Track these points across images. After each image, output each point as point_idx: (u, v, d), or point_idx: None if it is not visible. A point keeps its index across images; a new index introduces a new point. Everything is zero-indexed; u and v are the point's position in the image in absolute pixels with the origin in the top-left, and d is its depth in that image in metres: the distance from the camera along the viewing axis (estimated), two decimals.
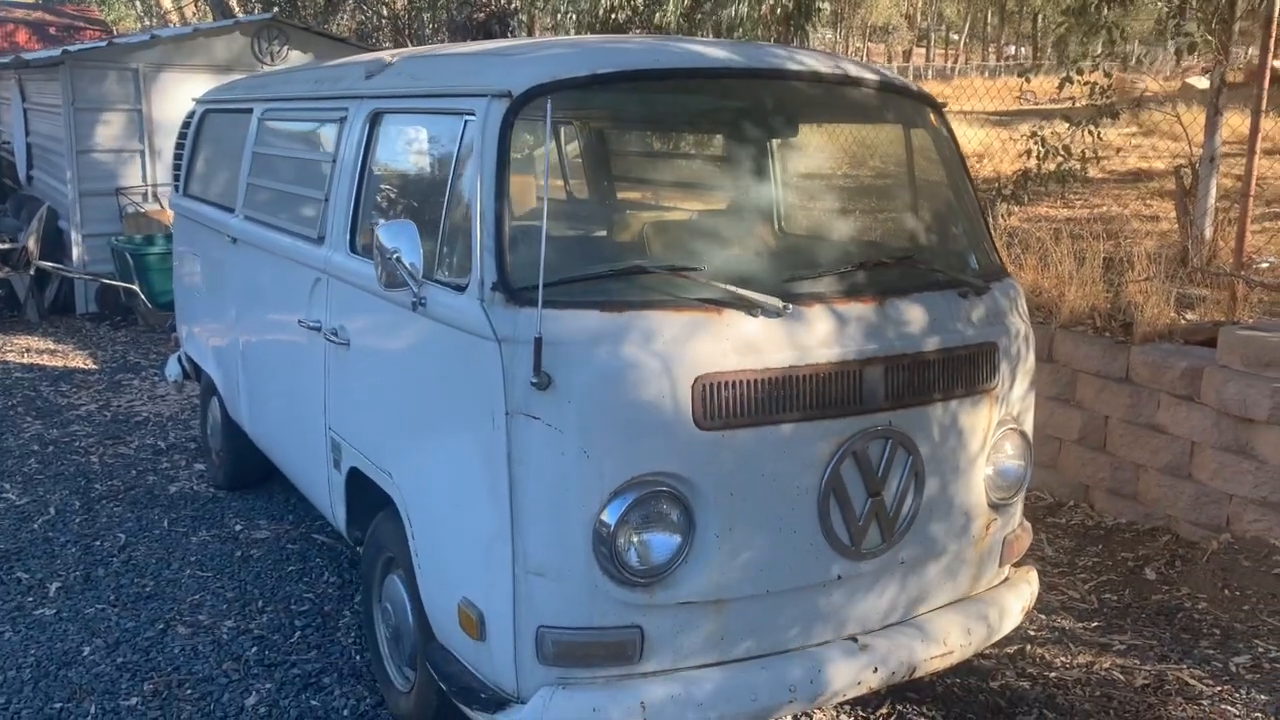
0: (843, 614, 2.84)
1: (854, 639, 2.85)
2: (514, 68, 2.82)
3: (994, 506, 3.10)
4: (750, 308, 2.65)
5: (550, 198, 2.69)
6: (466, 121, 2.85)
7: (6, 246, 8.99)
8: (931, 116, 3.33)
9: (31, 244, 8.99)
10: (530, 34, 13.20)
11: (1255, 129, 5.11)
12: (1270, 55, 5.07)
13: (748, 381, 2.61)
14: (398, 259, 2.77)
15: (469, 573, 2.76)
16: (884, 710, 3.42)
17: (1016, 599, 3.21)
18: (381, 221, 2.90)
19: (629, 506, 2.55)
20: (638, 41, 2.97)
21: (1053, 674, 3.64)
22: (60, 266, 9.17)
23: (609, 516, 2.54)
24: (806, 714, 3.37)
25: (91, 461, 5.76)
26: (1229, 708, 3.44)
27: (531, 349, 2.51)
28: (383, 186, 3.44)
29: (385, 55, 3.67)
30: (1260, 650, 3.77)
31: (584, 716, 2.56)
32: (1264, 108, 5.09)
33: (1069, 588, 4.30)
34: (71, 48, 9.37)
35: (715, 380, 2.58)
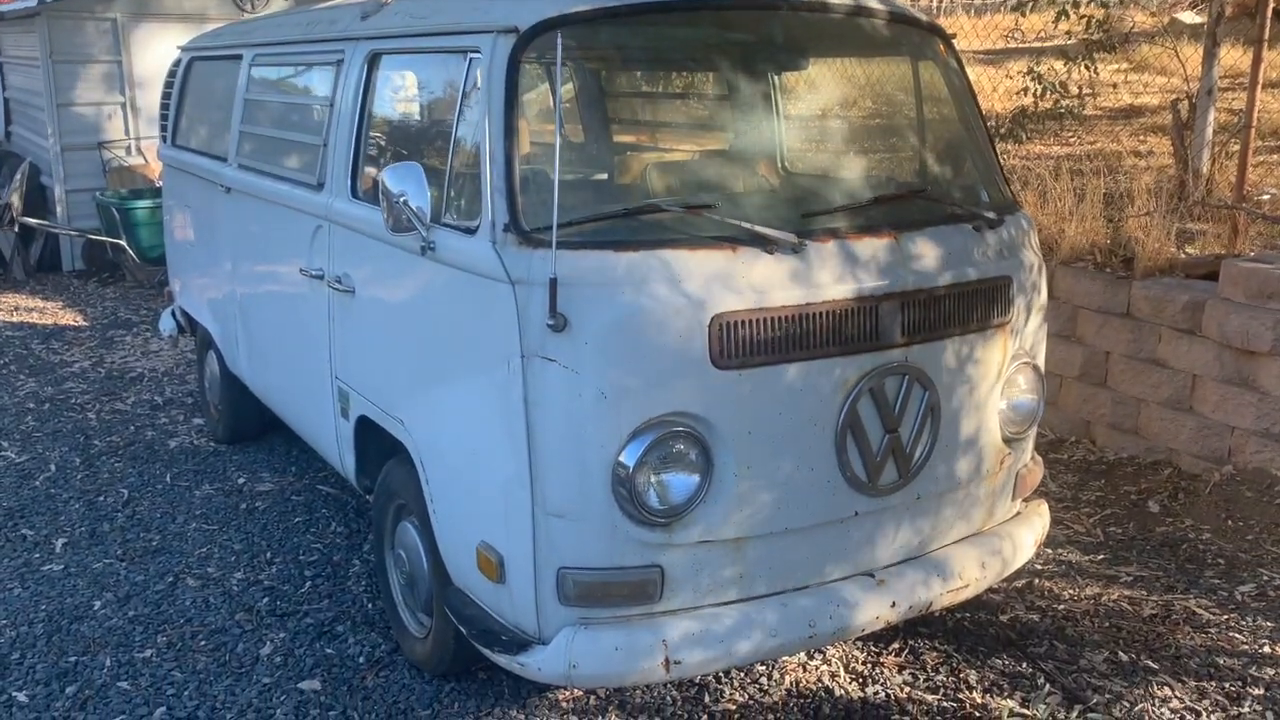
0: (860, 550, 2.85)
1: (871, 574, 2.87)
2: (521, 2, 2.75)
3: (1007, 441, 3.11)
4: (765, 244, 2.62)
5: (561, 139, 2.65)
6: (471, 59, 2.79)
7: None
8: (941, 48, 3.28)
9: (15, 200, 8.86)
10: None
11: (1258, 59, 5.06)
12: None
13: (764, 319, 2.59)
14: (404, 202, 2.73)
15: (487, 516, 2.75)
16: (896, 645, 3.45)
17: (1029, 532, 3.23)
18: (386, 165, 2.85)
19: (647, 447, 2.54)
20: None
21: (1061, 606, 3.68)
22: (45, 223, 9.04)
23: (627, 458, 2.53)
24: (820, 650, 3.39)
25: (89, 418, 5.72)
26: (1236, 635, 3.48)
27: (545, 291, 2.48)
28: (384, 129, 3.38)
29: None
30: (1265, 579, 3.81)
31: (606, 655, 2.57)
32: (1265, 36, 5.04)
33: (1074, 522, 4.33)
34: None
35: (731, 319, 2.56)
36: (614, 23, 2.80)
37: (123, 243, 8.53)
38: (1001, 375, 3.03)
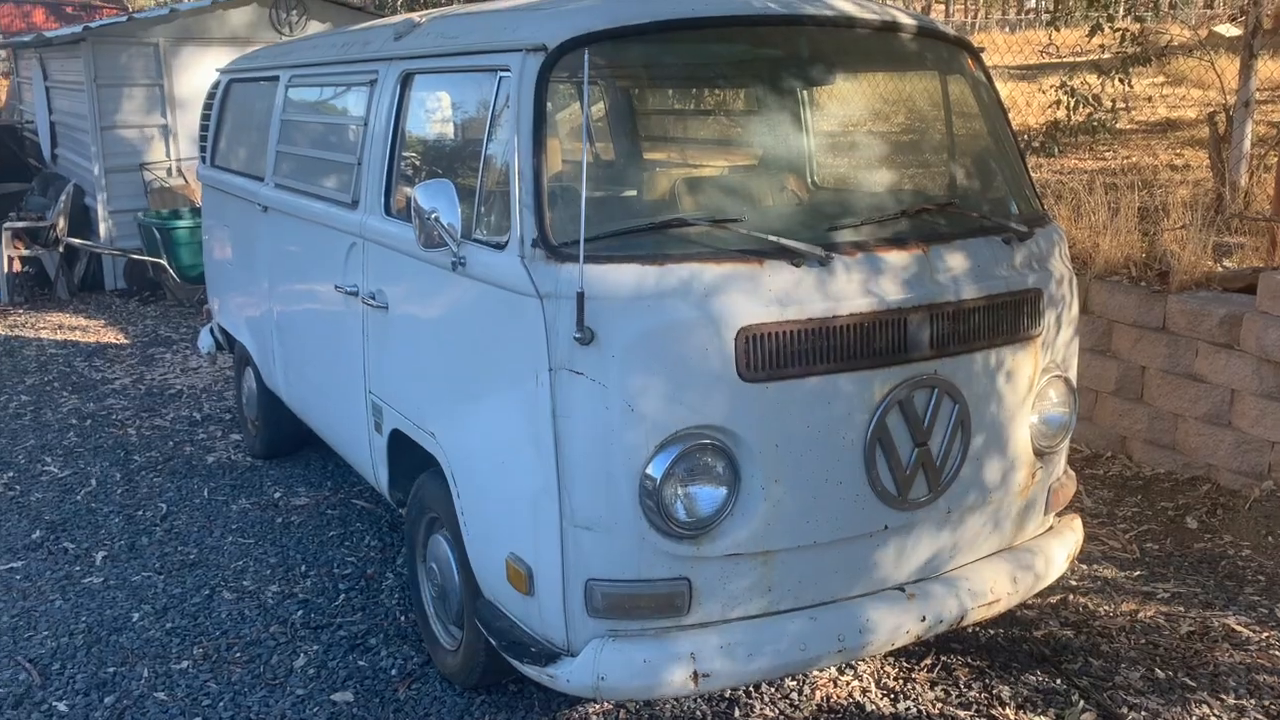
0: (890, 564, 2.84)
1: (901, 589, 2.85)
2: (548, 21, 2.79)
3: (1039, 454, 3.09)
4: (792, 257, 2.63)
5: (587, 157, 2.67)
6: (501, 77, 2.83)
7: (35, 225, 9.04)
8: (969, 61, 3.28)
9: (59, 222, 9.05)
10: None
11: None
12: None
13: (791, 332, 2.59)
14: (436, 219, 2.77)
15: (516, 529, 2.77)
16: (928, 661, 3.42)
17: (1062, 547, 3.20)
18: (418, 182, 2.89)
19: (674, 460, 2.55)
20: None
21: (1097, 623, 3.64)
22: (88, 243, 9.23)
23: (655, 470, 2.54)
24: (851, 665, 3.38)
25: (129, 434, 5.82)
26: (1276, 653, 3.42)
27: (573, 304, 2.51)
28: (417, 148, 3.43)
29: (414, 16, 3.65)
30: None
31: (634, 667, 2.57)
32: None
33: (1109, 538, 4.28)
34: (92, 24, 9.37)
35: (758, 332, 2.56)
36: (642, 40, 2.83)
37: (163, 262, 8.69)
38: (1033, 388, 3.01)
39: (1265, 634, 3.53)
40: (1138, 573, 4.00)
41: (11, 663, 3.58)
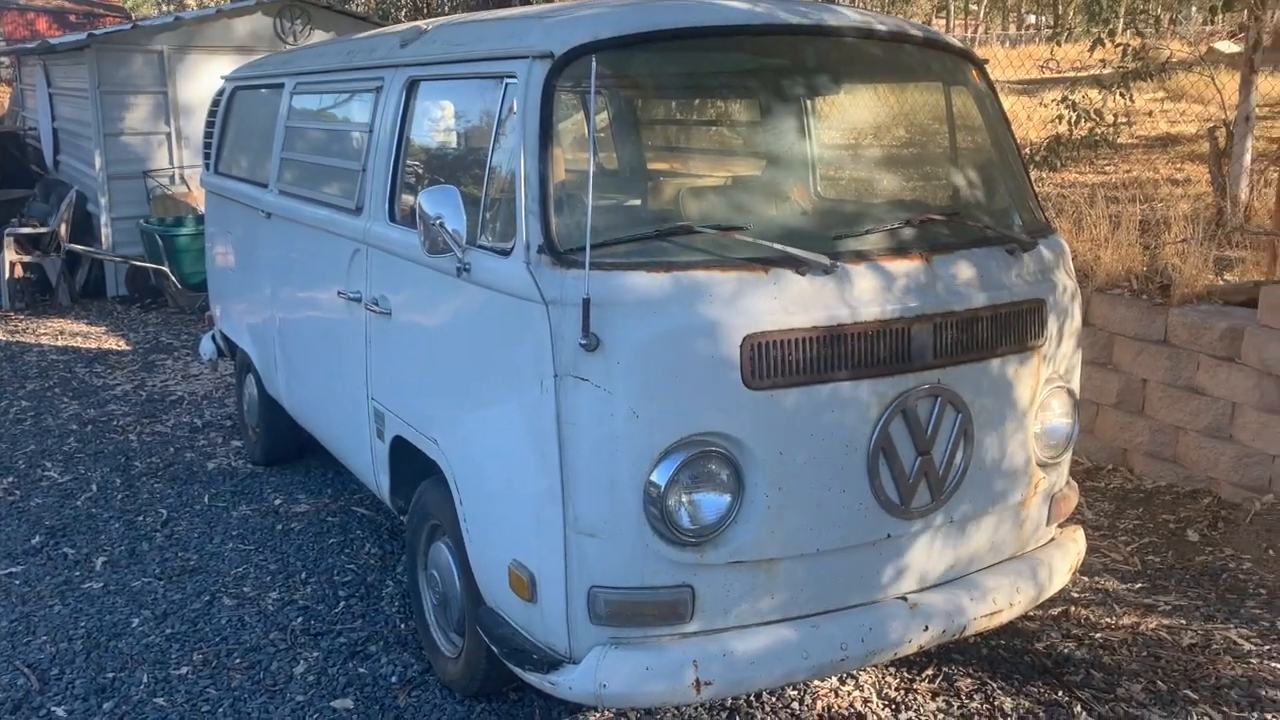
0: (893, 573, 2.84)
1: (904, 598, 2.85)
2: (555, 28, 2.80)
3: (1042, 465, 3.09)
4: (797, 266, 2.64)
5: (593, 164, 2.68)
6: (508, 85, 2.84)
7: (37, 231, 9.05)
8: (974, 73, 3.29)
9: (61, 228, 9.06)
10: None
11: None
12: None
13: (796, 340, 2.60)
14: (441, 225, 2.77)
15: (519, 535, 2.77)
16: (930, 671, 3.41)
17: (1064, 558, 3.20)
18: (423, 188, 2.89)
19: (679, 467, 2.55)
20: (679, 1, 2.95)
21: (1098, 635, 3.63)
22: (90, 249, 9.24)
23: (659, 477, 2.54)
24: (852, 675, 3.37)
25: (130, 440, 5.82)
26: (1278, 665, 3.42)
27: (579, 311, 2.51)
28: (421, 154, 3.44)
29: (420, 24, 3.66)
30: None
31: (637, 675, 2.57)
32: None
33: (1111, 550, 4.28)
34: (97, 31, 9.40)
35: (764, 339, 2.57)
36: (649, 48, 2.84)
37: (165, 269, 8.70)
38: (1035, 399, 3.01)
39: (1267, 646, 3.53)
40: (1139, 585, 3.99)
41: (10, 668, 3.57)
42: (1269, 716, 3.15)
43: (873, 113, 3.37)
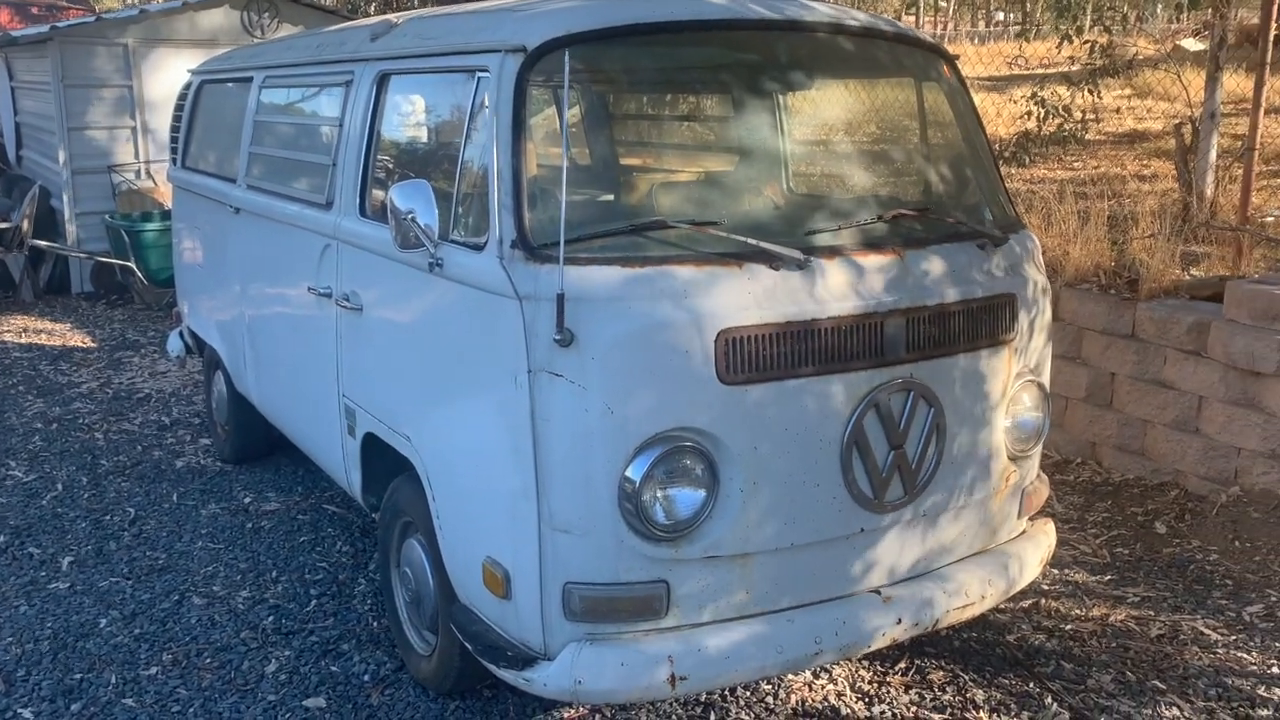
0: (866, 567, 2.85)
1: (878, 591, 2.86)
2: (528, 22, 2.79)
3: (1013, 458, 3.11)
4: (771, 260, 2.64)
5: (566, 158, 2.67)
6: (480, 78, 2.82)
7: (0, 226, 8.91)
8: (944, 68, 3.30)
9: (25, 224, 8.92)
10: None
11: (1261, 83, 5.10)
12: (1276, 5, 5.05)
13: (770, 335, 2.60)
14: (413, 220, 2.75)
15: (493, 532, 2.75)
16: (903, 664, 3.43)
17: (1035, 551, 3.23)
18: (394, 183, 2.87)
19: (653, 462, 2.54)
20: None
21: (1068, 626, 3.67)
22: (55, 245, 9.10)
23: (633, 472, 2.54)
24: (826, 669, 3.38)
25: (96, 438, 5.74)
26: (1244, 655, 3.47)
27: (553, 306, 2.50)
28: (392, 148, 3.41)
29: (390, 17, 3.63)
30: (1273, 599, 3.79)
31: (612, 671, 2.56)
32: (1269, 60, 5.07)
33: (1080, 543, 4.32)
34: (60, 24, 9.25)
35: (738, 334, 2.57)
36: (622, 42, 2.83)
37: (131, 265, 8.58)
38: (1006, 392, 3.03)
39: (1233, 636, 3.58)
40: (1108, 577, 4.04)
41: None
42: (1235, 705, 3.19)
43: (845, 108, 3.38)
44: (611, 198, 3.51)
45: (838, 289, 2.69)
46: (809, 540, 2.74)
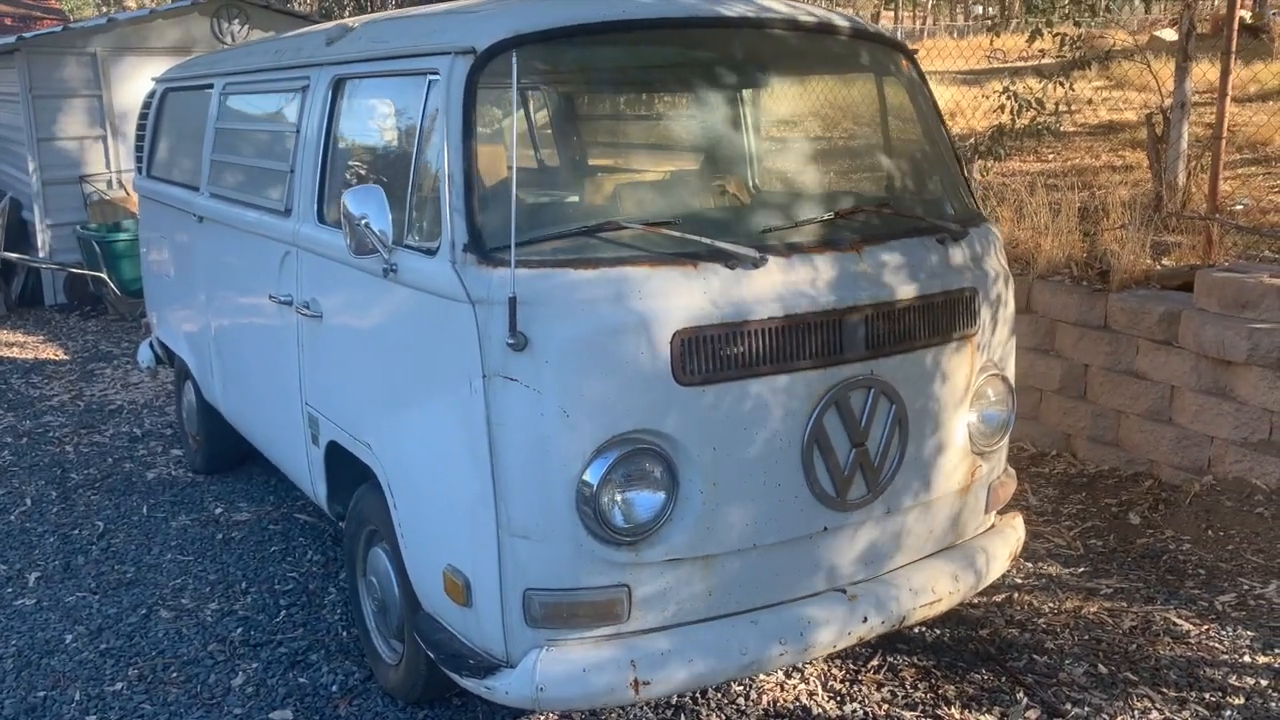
0: (830, 566, 2.83)
1: (843, 590, 2.84)
2: (477, 24, 2.76)
3: (978, 453, 3.09)
4: (727, 259, 2.62)
5: (518, 164, 2.64)
6: (431, 81, 2.79)
7: None
8: (904, 63, 3.29)
9: None
10: None
11: (1226, 71, 5.10)
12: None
13: (726, 334, 2.57)
14: (366, 225, 2.72)
15: (453, 539, 2.72)
16: (875, 662, 3.41)
17: (1003, 545, 3.21)
18: (350, 188, 2.84)
19: (611, 465, 2.52)
20: None
21: (1041, 620, 3.65)
22: (26, 257, 9.02)
23: (591, 476, 2.51)
24: (798, 668, 3.36)
25: (67, 451, 5.69)
26: (1216, 645, 3.46)
27: (505, 310, 2.47)
28: (349, 154, 3.38)
29: (348, 21, 3.60)
30: (1245, 588, 3.79)
31: (574, 677, 2.54)
32: (1233, 48, 5.07)
33: (1054, 535, 4.31)
34: (27, 34, 9.17)
35: (694, 334, 2.54)
36: (572, 43, 2.80)
37: (104, 276, 8.52)
38: (970, 387, 3.02)
39: (1205, 627, 3.57)
40: (1082, 569, 4.02)
41: None
42: (1207, 695, 3.18)
43: (805, 104, 3.36)
44: (566, 199, 3.48)
45: (796, 286, 2.67)
46: (772, 540, 2.71)
